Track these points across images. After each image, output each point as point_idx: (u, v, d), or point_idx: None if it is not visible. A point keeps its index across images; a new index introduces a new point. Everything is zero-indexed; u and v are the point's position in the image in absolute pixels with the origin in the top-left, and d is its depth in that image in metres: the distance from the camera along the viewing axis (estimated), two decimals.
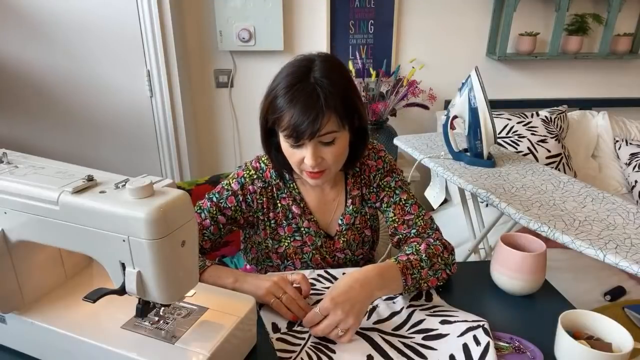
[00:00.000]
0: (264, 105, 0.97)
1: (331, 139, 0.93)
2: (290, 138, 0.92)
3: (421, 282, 0.95)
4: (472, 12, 2.42)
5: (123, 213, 0.63)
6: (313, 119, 0.88)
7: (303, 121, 0.88)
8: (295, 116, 0.89)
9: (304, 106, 0.89)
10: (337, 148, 0.95)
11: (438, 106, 2.51)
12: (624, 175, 2.44)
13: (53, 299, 0.81)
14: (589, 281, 1.70)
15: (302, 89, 0.90)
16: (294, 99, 0.89)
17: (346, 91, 0.94)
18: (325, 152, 0.94)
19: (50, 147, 2.22)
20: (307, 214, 1.09)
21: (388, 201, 1.11)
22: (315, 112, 0.88)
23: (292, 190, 1.08)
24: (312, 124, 0.89)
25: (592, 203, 1.31)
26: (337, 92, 0.91)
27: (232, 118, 2.48)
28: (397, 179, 1.12)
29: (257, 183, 1.06)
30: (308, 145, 0.93)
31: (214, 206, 1.05)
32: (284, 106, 0.90)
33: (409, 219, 1.09)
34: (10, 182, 0.70)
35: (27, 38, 2.04)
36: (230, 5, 2.19)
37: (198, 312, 0.78)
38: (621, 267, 1.03)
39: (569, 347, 0.76)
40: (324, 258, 1.11)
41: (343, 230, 1.11)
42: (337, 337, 0.82)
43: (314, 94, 0.89)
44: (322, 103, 0.89)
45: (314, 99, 0.89)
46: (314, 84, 0.90)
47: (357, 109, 0.96)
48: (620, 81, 2.66)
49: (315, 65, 0.92)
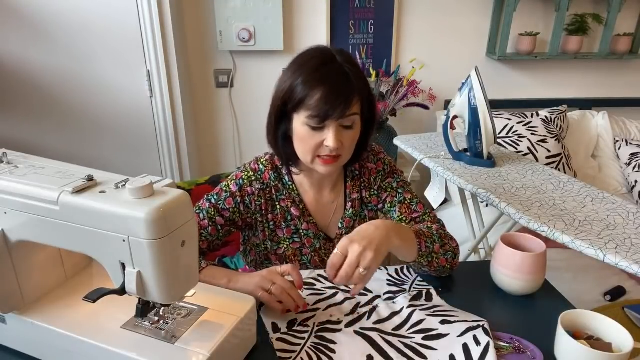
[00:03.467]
0: (281, 89, 0.96)
1: (351, 123, 0.95)
2: (316, 118, 0.91)
3: (433, 255, 0.95)
4: (472, 12, 2.42)
5: (123, 213, 0.63)
6: (345, 97, 0.90)
7: (336, 99, 0.89)
8: (326, 94, 0.89)
9: (335, 84, 0.90)
10: (354, 133, 0.97)
11: (438, 106, 2.51)
12: (624, 175, 2.44)
13: (53, 299, 0.81)
14: (589, 281, 1.70)
15: (332, 68, 0.92)
16: (325, 78, 0.90)
17: (365, 77, 0.97)
18: (344, 136, 0.95)
19: (51, 147, 2.22)
20: (307, 215, 1.09)
21: (392, 201, 1.11)
22: (347, 90, 0.91)
23: (292, 192, 1.08)
24: (345, 102, 0.90)
25: (592, 203, 1.31)
26: (362, 76, 0.95)
27: (232, 118, 2.48)
28: (398, 180, 1.12)
29: (255, 185, 1.06)
30: (331, 127, 0.93)
31: (212, 207, 1.05)
32: (314, 85, 0.90)
33: (417, 217, 1.09)
34: (10, 182, 0.70)
35: (28, 38, 2.04)
36: (230, 5, 2.19)
37: (198, 312, 0.78)
38: (621, 267, 1.03)
39: (569, 347, 0.76)
40: (323, 260, 1.11)
41: (343, 233, 1.11)
42: (359, 279, 0.81)
43: (344, 74, 0.91)
44: (353, 82, 0.91)
45: (345, 78, 0.91)
46: (342, 66, 0.92)
47: (373, 97, 0.99)
48: (620, 81, 2.66)
49: (336, 54, 0.95)
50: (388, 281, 1.03)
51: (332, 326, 0.88)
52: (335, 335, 0.85)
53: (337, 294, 0.97)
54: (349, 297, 0.97)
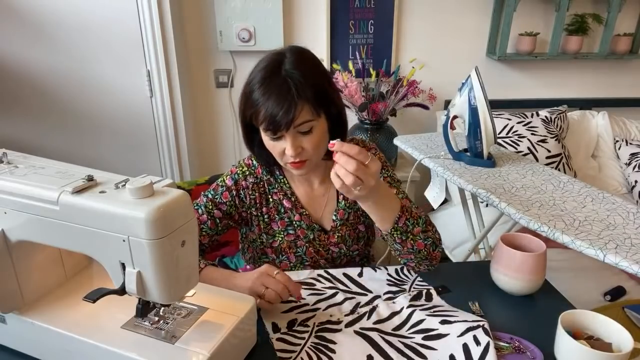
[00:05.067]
0: (241, 101, 0.99)
1: (308, 128, 0.95)
2: (268, 131, 0.95)
3: (409, 235, 0.94)
4: (472, 12, 2.42)
5: (123, 213, 0.63)
6: (286, 109, 0.91)
7: (277, 112, 0.91)
8: (269, 108, 0.92)
9: (276, 98, 0.91)
10: (315, 136, 0.97)
11: (438, 106, 2.51)
12: (624, 175, 2.44)
13: (53, 299, 0.81)
14: (589, 281, 1.70)
15: (274, 81, 0.93)
16: (267, 92, 0.92)
17: (317, 80, 0.96)
18: (304, 142, 0.96)
19: (51, 147, 2.22)
20: (299, 207, 1.11)
21: None
22: (287, 102, 0.91)
23: (283, 185, 1.11)
24: (286, 114, 0.91)
25: (592, 203, 1.31)
26: (308, 82, 0.93)
27: (232, 118, 2.48)
28: (385, 175, 1.12)
29: (249, 179, 1.10)
30: (287, 136, 0.95)
31: (209, 202, 1.08)
32: (259, 100, 0.93)
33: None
34: (10, 182, 0.70)
35: (28, 38, 2.04)
36: (230, 5, 2.19)
37: (198, 312, 0.78)
38: (621, 267, 1.03)
39: (569, 347, 0.76)
40: (318, 251, 1.13)
41: (338, 225, 1.13)
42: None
43: (284, 86, 0.92)
44: (293, 93, 0.91)
45: (285, 90, 0.92)
46: (285, 77, 0.93)
47: (330, 97, 0.98)
48: (620, 81, 2.66)
49: (286, 58, 0.95)
50: (388, 281, 1.03)
51: (332, 326, 0.88)
52: (335, 335, 0.85)
53: (337, 294, 0.97)
54: (349, 297, 0.97)
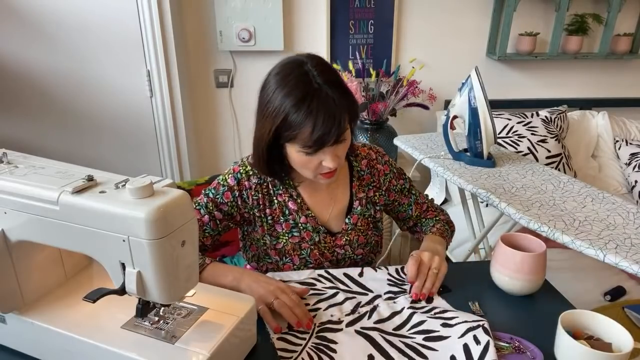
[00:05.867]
0: (269, 124, 0.94)
1: (344, 137, 0.96)
2: (311, 148, 0.92)
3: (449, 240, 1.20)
4: (472, 12, 2.42)
5: (123, 213, 0.63)
6: (338, 123, 0.90)
7: (329, 129, 0.89)
8: (319, 126, 0.89)
9: (325, 114, 0.89)
10: (348, 142, 0.99)
11: (438, 106, 2.51)
12: (624, 175, 2.44)
13: (53, 299, 0.81)
14: (589, 281, 1.70)
15: (315, 98, 0.89)
16: (313, 111, 0.89)
17: (344, 86, 0.95)
18: (339, 150, 0.97)
19: (51, 147, 2.22)
20: (304, 209, 1.10)
21: (408, 202, 1.22)
22: (338, 117, 0.90)
23: (288, 187, 1.09)
24: (338, 129, 0.90)
25: (592, 203, 1.31)
26: (342, 91, 0.93)
27: (232, 118, 2.48)
28: (408, 180, 1.23)
29: (252, 179, 1.07)
30: (327, 149, 0.94)
31: (210, 202, 1.07)
32: (302, 121, 0.89)
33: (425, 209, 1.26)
34: (10, 182, 0.70)
35: (28, 38, 2.04)
36: (230, 5, 2.19)
37: (198, 312, 0.78)
38: (621, 267, 1.03)
39: (569, 347, 0.76)
40: (323, 253, 1.12)
41: (349, 229, 1.13)
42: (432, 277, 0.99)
43: (329, 100, 0.89)
44: (339, 106, 0.90)
45: (331, 104, 0.89)
46: (325, 91, 0.90)
47: (355, 100, 0.99)
48: (620, 81, 2.66)
49: (309, 70, 0.92)
50: (389, 281, 1.03)
51: (333, 326, 0.88)
52: (336, 335, 0.85)
53: (337, 294, 0.97)
54: (350, 296, 0.97)
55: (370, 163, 1.15)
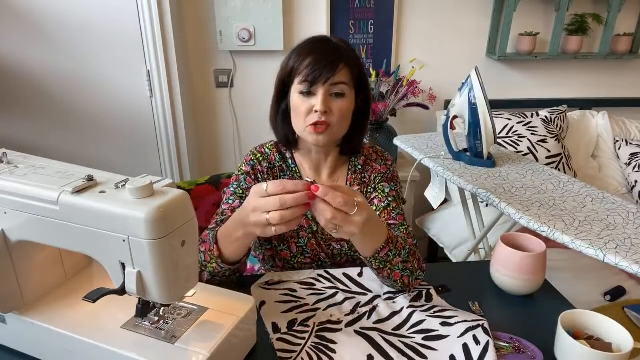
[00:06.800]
0: (283, 64, 1.05)
1: (341, 91, 1.00)
2: (305, 82, 0.99)
3: (387, 265, 0.92)
4: (472, 12, 2.42)
5: (123, 213, 0.63)
6: (331, 62, 0.98)
7: (322, 61, 0.98)
8: (314, 60, 0.99)
9: (324, 52, 1.00)
10: (345, 104, 1.02)
11: (438, 106, 2.51)
12: (624, 175, 2.44)
13: (53, 299, 0.81)
14: (589, 281, 1.70)
15: (323, 42, 1.03)
16: (314, 48, 1.01)
17: (359, 62, 1.05)
18: (333, 105, 1.01)
19: (51, 147, 2.22)
20: None
21: (378, 204, 1.11)
22: (333, 57, 0.99)
23: (294, 173, 1.14)
24: (331, 67, 0.98)
25: (592, 203, 1.31)
26: (355, 57, 1.04)
27: (232, 118, 2.48)
28: (393, 188, 1.13)
29: (264, 164, 1.14)
30: (320, 91, 0.99)
31: (237, 190, 1.11)
32: (304, 55, 1.01)
33: (392, 224, 1.08)
34: (10, 182, 0.70)
35: (28, 38, 2.04)
36: (230, 5, 2.19)
37: (198, 312, 0.78)
38: (621, 267, 1.03)
39: (569, 347, 0.76)
40: (320, 244, 1.12)
41: None
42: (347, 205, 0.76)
43: (334, 47, 1.01)
44: (341, 53, 1.00)
45: (334, 49, 1.01)
46: (336, 44, 1.02)
47: (365, 82, 1.07)
48: (620, 81, 2.66)
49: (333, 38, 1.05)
50: None
51: (333, 326, 0.88)
52: (335, 335, 0.85)
53: (337, 294, 0.97)
54: (349, 297, 0.97)
55: (367, 161, 1.16)
